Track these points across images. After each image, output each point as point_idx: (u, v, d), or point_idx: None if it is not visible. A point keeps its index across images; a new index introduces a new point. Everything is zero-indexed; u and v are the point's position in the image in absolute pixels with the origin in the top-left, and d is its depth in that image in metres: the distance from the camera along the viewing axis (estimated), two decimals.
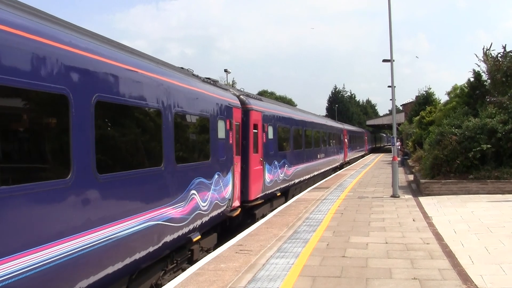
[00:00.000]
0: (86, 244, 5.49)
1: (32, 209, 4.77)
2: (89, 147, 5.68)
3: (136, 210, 6.78)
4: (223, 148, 11.09)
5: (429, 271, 7.32)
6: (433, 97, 43.26)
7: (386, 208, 14.30)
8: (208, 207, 9.85)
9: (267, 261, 8.22)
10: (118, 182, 6.38)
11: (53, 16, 5.81)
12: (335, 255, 8.54)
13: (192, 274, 7.56)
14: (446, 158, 17.32)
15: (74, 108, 5.40)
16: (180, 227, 8.34)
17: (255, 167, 13.78)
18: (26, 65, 4.77)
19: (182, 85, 8.89)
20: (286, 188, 17.82)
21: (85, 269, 5.56)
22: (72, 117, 5.37)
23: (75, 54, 5.60)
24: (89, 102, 5.71)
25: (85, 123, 5.61)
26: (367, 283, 6.82)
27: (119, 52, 6.90)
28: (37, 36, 5.00)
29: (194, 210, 9.05)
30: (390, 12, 18.34)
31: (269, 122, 15.38)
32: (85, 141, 5.62)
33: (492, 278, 6.93)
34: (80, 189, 5.49)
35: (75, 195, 5.39)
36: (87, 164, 5.63)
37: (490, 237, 9.69)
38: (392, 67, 19.05)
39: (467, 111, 20.28)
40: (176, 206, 8.21)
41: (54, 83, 5.14)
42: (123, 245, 6.41)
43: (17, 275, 4.45)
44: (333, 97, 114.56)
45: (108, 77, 6.29)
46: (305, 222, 11.96)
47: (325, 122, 30.56)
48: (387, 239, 9.78)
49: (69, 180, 5.27)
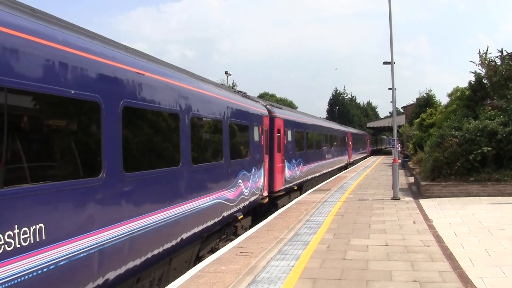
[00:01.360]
0: (187, 209, 8.38)
1: (159, 183, 7.43)
2: (189, 147, 8.57)
3: (210, 190, 9.65)
4: (257, 148, 13.90)
5: (430, 274, 7.32)
6: (434, 99, 43.29)
7: (387, 210, 14.29)
8: (248, 193, 12.64)
9: (267, 263, 8.22)
10: (201, 170, 9.28)
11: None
12: (335, 257, 8.54)
13: (193, 276, 7.56)
14: (447, 160, 17.32)
15: (182, 122, 8.35)
16: (232, 206, 11.18)
17: (279, 164, 16.67)
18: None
19: (233, 101, 11.93)
20: (301, 183, 20.69)
21: (187, 226, 8.41)
22: (181, 126, 8.31)
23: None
24: (187, 118, 8.63)
25: (185, 131, 8.49)
26: (367, 286, 6.83)
27: (201, 82, 10.12)
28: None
29: (240, 195, 11.87)
30: (390, 14, 18.39)
31: (288, 127, 18.24)
32: (186, 142, 8.44)
33: (492, 280, 6.93)
34: (185, 172, 8.38)
35: (186, 176, 8.43)
36: (187, 158, 8.53)
37: (491, 240, 9.69)
38: (393, 69, 19.06)
39: (467, 113, 20.28)
40: (230, 190, 11.05)
41: (171, 106, 8.04)
42: (203, 214, 9.24)
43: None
44: (334, 99, 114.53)
45: (197, 102, 9.26)
46: (305, 225, 11.96)
47: (332, 126, 33.99)
48: (387, 241, 9.78)
49: (179, 167, 8.17)
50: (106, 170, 5.88)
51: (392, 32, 18.44)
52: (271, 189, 15.90)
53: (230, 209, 10.94)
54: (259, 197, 14.10)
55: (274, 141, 16.38)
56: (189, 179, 8.58)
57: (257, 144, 13.87)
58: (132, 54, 7.29)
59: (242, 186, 11.98)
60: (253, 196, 13.19)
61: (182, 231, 8.20)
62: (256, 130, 13.80)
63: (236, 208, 11.52)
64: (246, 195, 12.35)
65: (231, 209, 11.03)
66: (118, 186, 6.17)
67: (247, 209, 12.87)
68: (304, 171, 21.07)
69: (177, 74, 8.71)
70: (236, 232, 12.21)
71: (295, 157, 19.31)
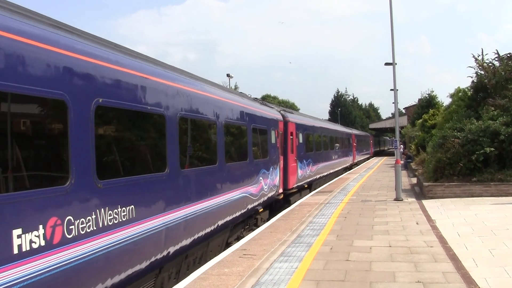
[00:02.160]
0: (223, 200, 10.06)
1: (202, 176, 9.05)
2: (223, 149, 10.27)
3: (238, 185, 11.43)
4: (274, 149, 15.64)
5: (433, 274, 7.32)
6: (436, 100, 43.20)
7: (390, 211, 14.28)
8: (267, 189, 14.36)
9: (270, 265, 8.23)
10: (232, 168, 11.05)
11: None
12: (338, 259, 8.54)
13: (196, 278, 7.57)
14: (449, 161, 17.29)
15: (218, 128, 10.13)
16: (255, 199, 12.91)
17: (292, 164, 18.32)
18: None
19: (255, 109, 13.93)
20: (311, 181, 22.38)
21: (221, 214, 10.09)
22: (217, 131, 10.07)
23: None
24: (222, 125, 10.51)
25: (221, 135, 10.33)
26: (371, 287, 6.83)
27: (231, 94, 12.60)
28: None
29: (261, 190, 13.58)
30: (391, 15, 18.40)
31: (299, 130, 19.90)
32: (221, 145, 10.16)
33: (496, 280, 6.92)
34: (222, 170, 10.18)
35: (221, 173, 10.13)
36: (222, 158, 10.20)
37: (494, 240, 9.67)
38: (394, 70, 19.05)
39: (470, 113, 20.24)
40: (253, 186, 12.78)
41: (209, 116, 9.73)
42: (233, 205, 10.92)
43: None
44: (336, 100, 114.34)
45: (228, 111, 11.12)
46: (308, 226, 11.96)
47: (337, 128, 35.77)
48: (390, 242, 9.78)
49: (217, 165, 9.86)
50: (170, 167, 7.57)
51: (394, 33, 18.43)
52: (285, 187, 17.44)
53: (253, 202, 12.83)
54: (276, 193, 15.85)
55: (287, 143, 17.96)
56: (223, 175, 10.35)
57: (274, 146, 15.67)
58: (188, 76, 9.35)
59: (262, 182, 13.79)
60: (271, 192, 14.99)
61: (218, 218, 9.89)
62: (273, 134, 15.63)
63: (258, 202, 13.36)
64: (265, 191, 14.13)
65: (254, 202, 12.91)
66: (179, 178, 8.02)
67: (266, 203, 14.73)
68: (313, 171, 22.72)
69: (216, 90, 10.71)
70: (256, 223, 14.04)
71: (306, 157, 21.01)
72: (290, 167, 17.93)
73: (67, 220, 5.04)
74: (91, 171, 5.52)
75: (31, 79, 4.71)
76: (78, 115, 5.31)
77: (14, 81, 4.49)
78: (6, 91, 4.42)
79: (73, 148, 5.21)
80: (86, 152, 5.44)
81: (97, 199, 5.61)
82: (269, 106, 18.06)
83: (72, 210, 5.14)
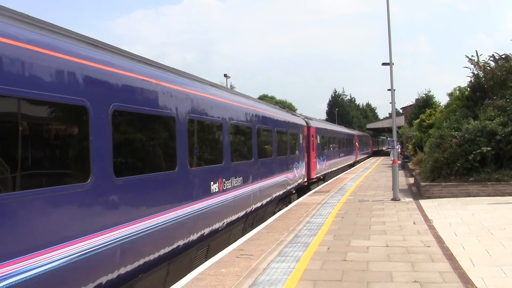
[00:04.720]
0: (275, 181, 15.33)
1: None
2: (276, 146, 15.60)
3: (283, 171, 16.52)
4: (301, 148, 20.77)
5: (430, 274, 7.31)
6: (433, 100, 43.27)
7: (387, 211, 14.29)
8: (298, 177, 19.48)
9: (268, 265, 8.21)
10: (279, 160, 16.09)
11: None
12: (336, 258, 8.53)
13: (193, 279, 7.55)
14: (447, 161, 17.30)
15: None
16: (291, 183, 18.00)
17: (313, 159, 23.67)
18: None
19: (290, 119, 19.22)
20: (325, 174, 27.99)
21: (274, 190, 15.13)
22: (273, 135, 15.50)
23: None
24: (275, 131, 16.05)
25: (275, 138, 15.79)
26: (368, 287, 6.82)
27: (281, 110, 19.54)
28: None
29: (294, 177, 18.55)
30: (388, 14, 18.39)
31: (317, 133, 25.25)
32: (274, 144, 15.64)
33: (493, 280, 6.92)
34: (273, 160, 15.18)
35: (274, 163, 15.44)
36: (275, 152, 15.51)
37: (491, 240, 9.68)
38: (392, 70, 19.08)
39: (467, 113, 20.28)
40: (290, 173, 17.83)
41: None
42: (280, 185, 16.10)
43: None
44: (333, 101, 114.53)
45: (281, 123, 16.92)
46: (305, 226, 11.96)
47: (344, 130, 42.70)
48: (387, 242, 9.78)
49: (272, 158, 15.14)
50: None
51: (391, 33, 18.39)
52: (308, 177, 22.52)
53: (290, 185, 17.94)
54: (302, 181, 20.88)
55: (310, 143, 22.91)
56: (275, 164, 15.40)
57: (301, 145, 20.77)
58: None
59: (295, 171, 18.72)
60: (300, 179, 19.99)
61: (272, 192, 14.91)
62: (300, 136, 20.73)
63: (292, 186, 18.45)
64: (296, 178, 19.11)
65: (290, 185, 18.00)
66: (258, 163, 13.02)
67: (296, 188, 19.57)
68: (327, 166, 28.44)
69: (273, 108, 16.08)
70: (290, 201, 18.54)
71: (322, 155, 26.47)
72: (311, 162, 23.17)
73: (87, 214, 5.62)
74: (109, 169, 6.01)
75: (60, 88, 5.24)
76: (98, 119, 5.76)
77: (52, 91, 5.11)
78: (39, 99, 4.97)
79: (93, 149, 5.70)
80: (104, 152, 5.90)
81: (115, 196, 6.16)
82: (296, 115, 23.44)
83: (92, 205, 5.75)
